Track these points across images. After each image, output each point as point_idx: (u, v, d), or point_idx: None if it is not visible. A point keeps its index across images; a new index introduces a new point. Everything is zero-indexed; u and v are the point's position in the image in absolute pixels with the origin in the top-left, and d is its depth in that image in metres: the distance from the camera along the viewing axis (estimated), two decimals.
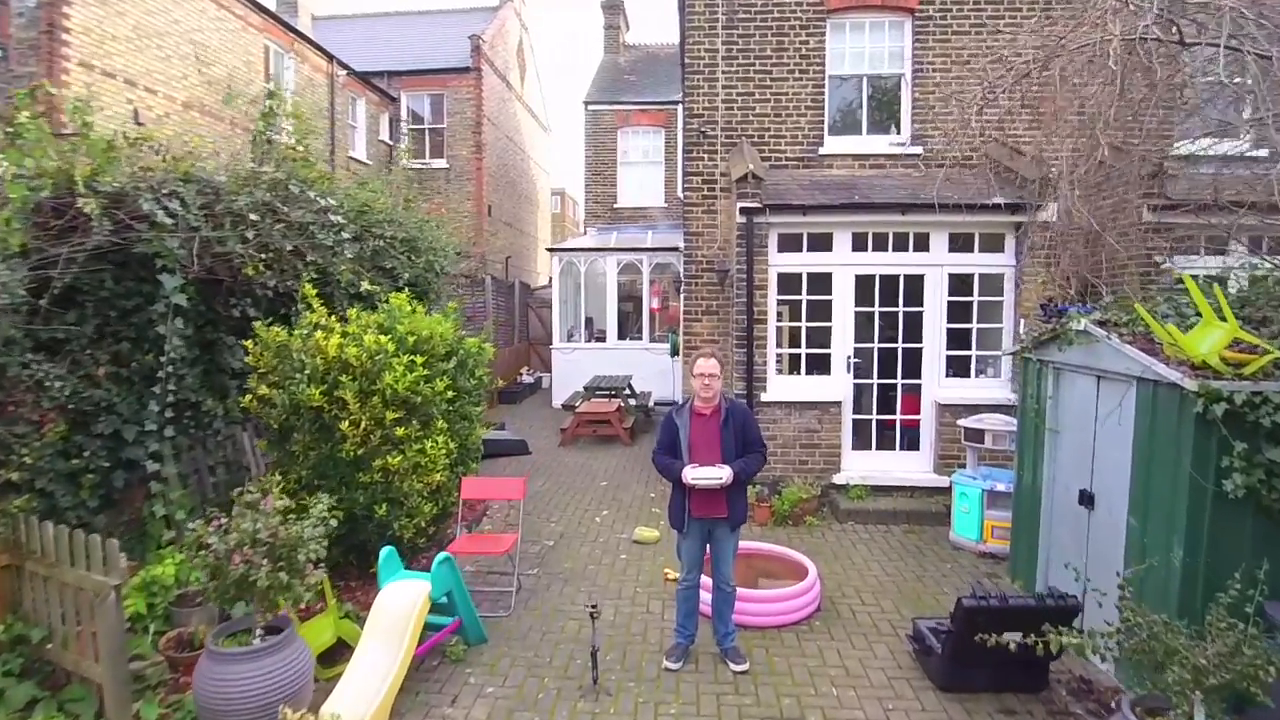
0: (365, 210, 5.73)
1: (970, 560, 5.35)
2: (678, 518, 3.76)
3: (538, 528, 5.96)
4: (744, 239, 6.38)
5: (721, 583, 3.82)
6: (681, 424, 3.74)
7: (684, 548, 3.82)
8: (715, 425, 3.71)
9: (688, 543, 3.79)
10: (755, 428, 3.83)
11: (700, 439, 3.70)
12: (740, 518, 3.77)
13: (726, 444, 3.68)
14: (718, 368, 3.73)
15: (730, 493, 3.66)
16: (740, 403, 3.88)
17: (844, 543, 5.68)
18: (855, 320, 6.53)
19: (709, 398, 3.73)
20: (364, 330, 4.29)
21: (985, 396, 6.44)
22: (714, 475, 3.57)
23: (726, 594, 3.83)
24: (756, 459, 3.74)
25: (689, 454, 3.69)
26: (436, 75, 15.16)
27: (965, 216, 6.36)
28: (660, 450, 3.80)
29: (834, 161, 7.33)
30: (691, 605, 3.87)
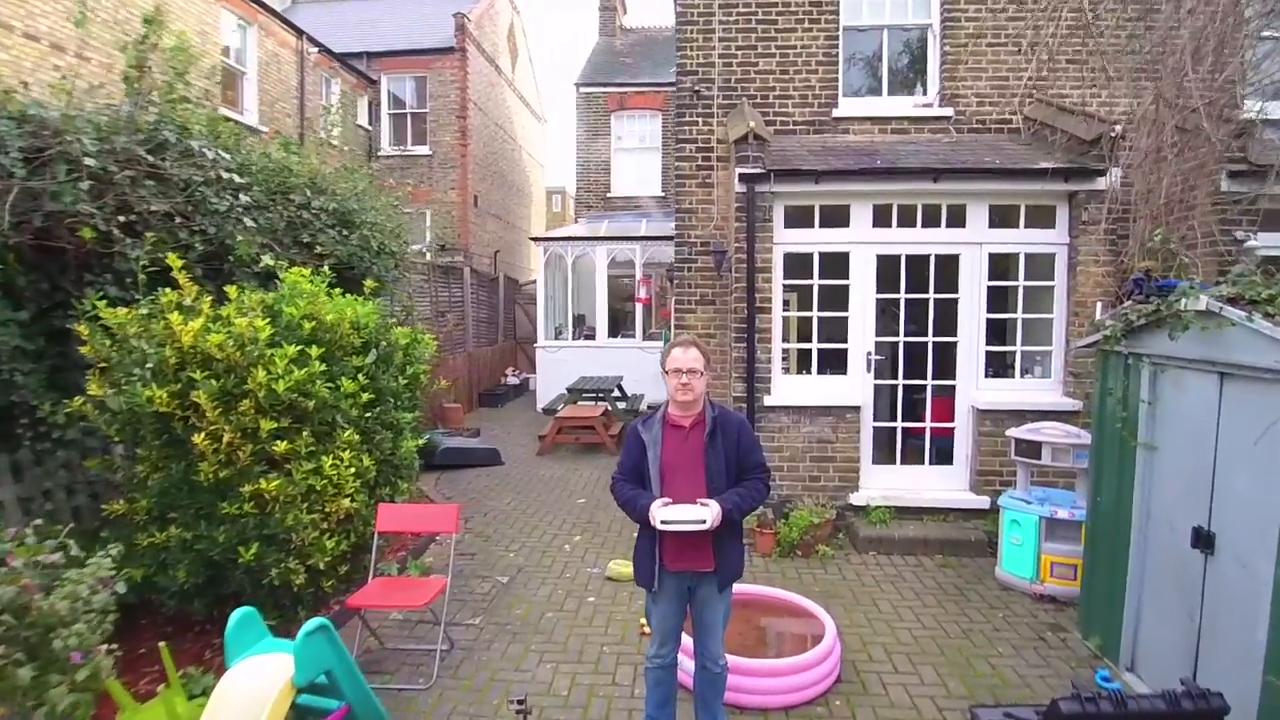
0: (284, 172, 4.73)
1: (1025, 605, 4.28)
2: (645, 570, 2.70)
3: (492, 558, 4.93)
4: (744, 212, 5.34)
5: (708, 661, 2.76)
6: (650, 441, 2.69)
7: (655, 613, 2.76)
8: (698, 442, 2.67)
9: (660, 606, 2.73)
10: (754, 444, 2.78)
11: (676, 462, 2.66)
12: (734, 572, 2.73)
13: (713, 468, 2.64)
14: (700, 361, 2.69)
15: (719, 537, 2.63)
16: (733, 412, 2.84)
17: (865, 580, 4.61)
18: (877, 309, 5.47)
19: (688, 402, 2.69)
20: (240, 313, 3.27)
21: (1032, 401, 5.37)
22: (693, 516, 2.51)
23: (715, 676, 2.78)
24: (756, 489, 2.69)
25: (661, 483, 2.65)
26: (418, 56, 14.22)
27: (1009, 184, 5.33)
28: (621, 476, 2.76)
29: (850, 126, 6.28)
30: (666, 692, 2.81)
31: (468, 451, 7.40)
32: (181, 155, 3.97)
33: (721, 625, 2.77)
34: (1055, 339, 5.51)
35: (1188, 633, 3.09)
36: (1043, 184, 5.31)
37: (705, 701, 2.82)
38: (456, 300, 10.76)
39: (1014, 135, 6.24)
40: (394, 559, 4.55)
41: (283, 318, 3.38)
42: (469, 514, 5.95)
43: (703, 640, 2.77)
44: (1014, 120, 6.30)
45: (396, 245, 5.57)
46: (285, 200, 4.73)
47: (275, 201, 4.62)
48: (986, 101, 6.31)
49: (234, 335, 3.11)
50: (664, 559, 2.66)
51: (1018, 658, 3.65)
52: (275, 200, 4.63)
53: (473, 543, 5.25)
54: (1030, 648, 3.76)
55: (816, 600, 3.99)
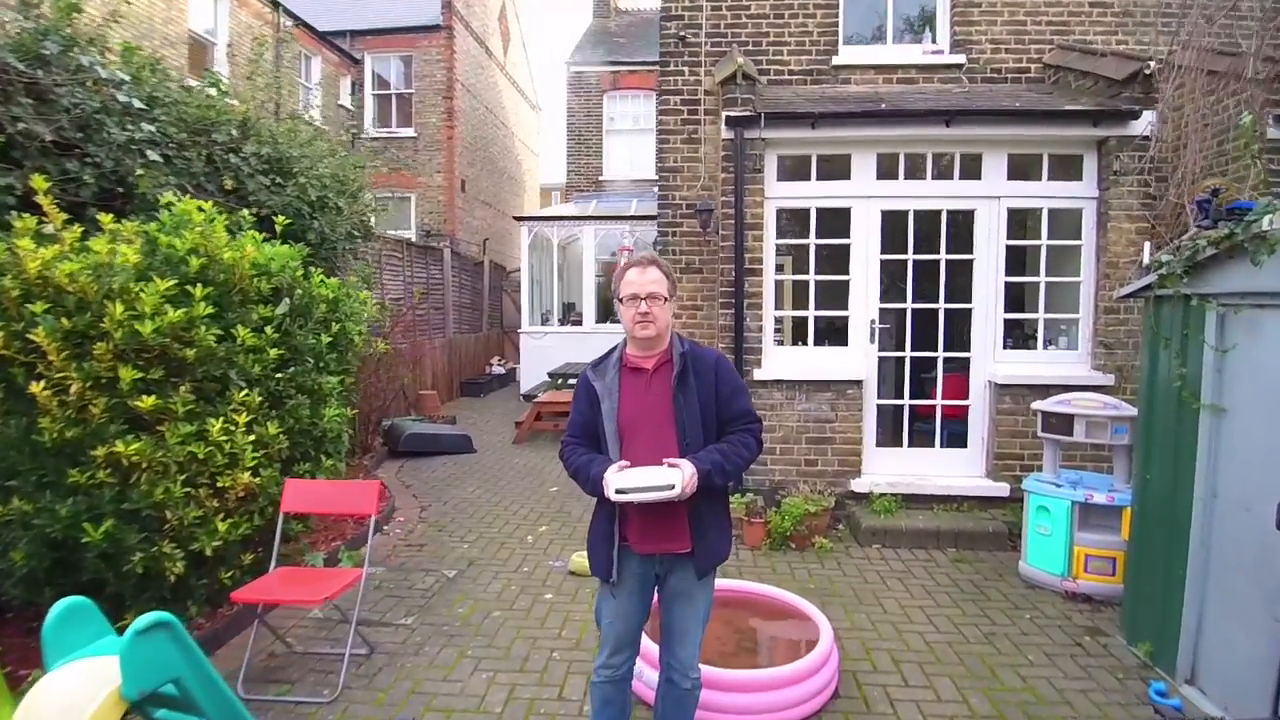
0: (205, 109, 4.15)
1: (1056, 605, 3.66)
2: (602, 556, 2.10)
3: (443, 550, 4.33)
4: (731, 161, 4.74)
5: (677, 673, 2.15)
6: (604, 390, 2.09)
7: (609, 610, 2.14)
8: (664, 388, 2.08)
9: (618, 601, 2.11)
10: (739, 387, 2.17)
11: (638, 414, 2.07)
12: (717, 553, 2.11)
13: (686, 420, 2.04)
14: (663, 284, 2.08)
15: (698, 508, 2.04)
16: (707, 348, 2.25)
17: (869, 577, 3.99)
18: (882, 272, 4.86)
19: (650, 339, 2.09)
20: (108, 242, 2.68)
21: (1057, 375, 4.75)
22: (658, 481, 1.91)
23: (684, 694, 2.16)
24: (745, 444, 2.08)
25: (620, 443, 2.06)
26: (403, 34, 13.69)
27: (1031, 129, 4.72)
28: (572, 439, 2.17)
29: (851, 75, 5.68)
30: (616, 714, 2.19)
31: (436, 438, 6.81)
32: (70, 74, 3.41)
33: (698, 628, 2.15)
34: (1083, 305, 4.89)
35: (1271, 638, 2.47)
36: (1069, 129, 4.72)
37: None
38: (436, 283, 10.19)
39: (1033, 85, 5.63)
40: (325, 548, 3.96)
41: (161, 250, 2.80)
42: (428, 503, 5.36)
43: (672, 645, 2.15)
44: (1032, 69, 5.70)
45: (343, 200, 4.98)
46: (209, 141, 4.15)
47: (195, 141, 4.05)
48: (1002, 48, 5.70)
49: (89, 264, 2.53)
50: (626, 538, 2.07)
51: (1052, 667, 3.04)
52: (195, 139, 4.06)
53: (425, 533, 4.65)
54: (1066, 655, 3.14)
55: (811, 599, 3.38)
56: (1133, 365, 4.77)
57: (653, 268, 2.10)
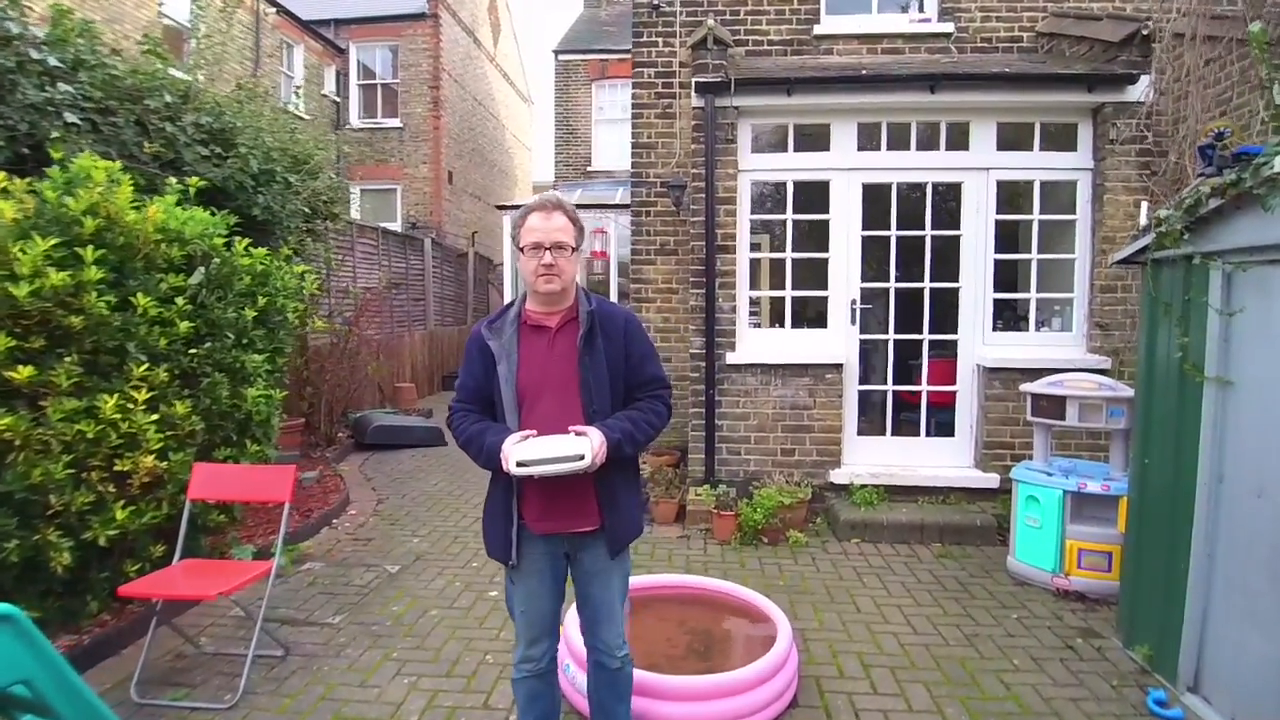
0: (135, 75, 3.88)
1: (1046, 604, 3.37)
2: (499, 536, 1.86)
3: (391, 544, 4.05)
4: (701, 132, 4.45)
5: (603, 654, 1.92)
6: (501, 348, 1.83)
7: (518, 597, 1.90)
8: (568, 348, 1.83)
9: (525, 587, 1.87)
10: (649, 349, 1.93)
11: (539, 377, 1.82)
12: (629, 528, 1.89)
13: (593, 384, 1.81)
14: (570, 231, 1.83)
15: (607, 480, 1.80)
16: (616, 306, 2.00)
17: (844, 573, 3.70)
18: (863, 249, 4.57)
19: (554, 294, 1.83)
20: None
21: (1050, 358, 4.44)
22: (566, 451, 1.67)
23: (614, 674, 1.94)
24: (655, 410, 1.88)
25: (518, 409, 1.81)
26: (389, 23, 13.44)
27: (1022, 96, 4.43)
28: (461, 404, 1.92)
29: (834, 45, 5.38)
30: (546, 708, 1.96)
31: (403, 430, 6.53)
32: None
33: (618, 604, 1.92)
34: (1078, 283, 4.59)
35: None
36: (1062, 94, 4.42)
37: (606, 710, 1.97)
38: (416, 274, 9.92)
39: (1026, 54, 5.33)
40: (261, 541, 3.69)
41: (48, 207, 2.52)
42: (386, 496, 5.08)
43: (595, 628, 1.93)
44: (1025, 38, 5.40)
45: (294, 177, 4.71)
46: (142, 107, 3.88)
47: (126, 107, 3.78)
48: (993, 15, 5.40)
49: None
50: (525, 517, 1.82)
51: (1039, 673, 2.74)
52: (126, 105, 3.79)
53: (376, 527, 4.37)
54: (1055, 659, 2.85)
55: (777, 597, 3.09)
56: (1131, 347, 4.48)
57: (558, 213, 1.83)
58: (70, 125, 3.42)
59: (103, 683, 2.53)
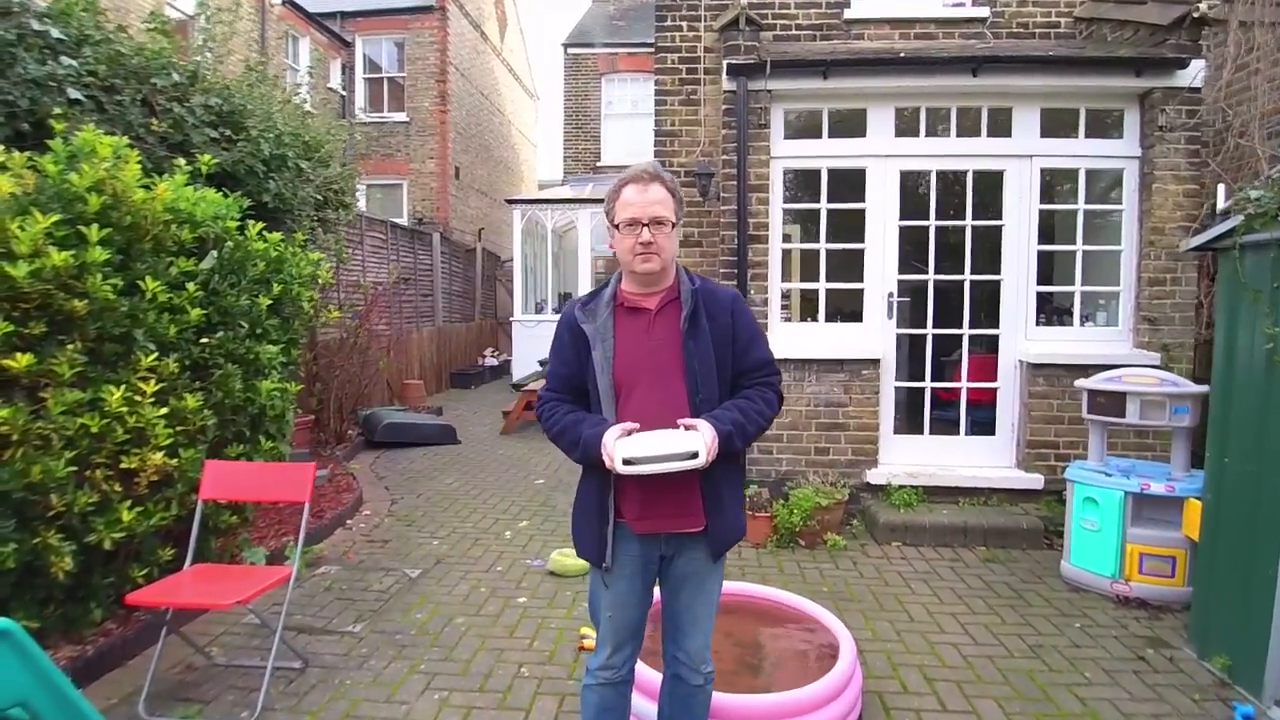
0: (142, 53, 3.69)
1: (1107, 612, 3.18)
2: (592, 536, 1.70)
3: (409, 547, 3.85)
4: (733, 116, 4.26)
5: (686, 667, 1.76)
6: (595, 334, 1.67)
7: (607, 601, 1.74)
8: (670, 332, 1.66)
9: (616, 590, 1.71)
10: (757, 332, 1.76)
11: (638, 364, 1.66)
12: (734, 530, 1.73)
13: (699, 370, 1.64)
14: (669, 204, 1.66)
15: (714, 479, 1.63)
16: (721, 285, 1.83)
17: (889, 579, 3.51)
18: (901, 240, 4.38)
19: (652, 274, 1.66)
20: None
21: (1096, 353, 4.26)
22: (677, 448, 1.51)
23: (693, 691, 1.77)
24: (765, 399, 1.70)
25: (615, 399, 1.65)
26: (395, 16, 13.24)
27: (1067, 80, 4.24)
28: (553, 394, 1.76)
29: (865, 30, 5.18)
30: None
31: (415, 428, 6.34)
32: None
33: (709, 615, 1.76)
34: (1124, 276, 4.40)
35: None
36: (1109, 79, 4.23)
37: None
38: (425, 269, 9.73)
39: (1064, 41, 5.14)
40: (273, 543, 3.50)
41: (50, 182, 2.33)
42: (400, 495, 4.89)
43: (679, 637, 1.76)
44: (1062, 24, 5.21)
45: (306, 163, 4.51)
46: (149, 86, 3.69)
47: (128, 83, 3.59)
48: (1030, 0, 5.22)
49: None
50: (623, 513, 1.66)
51: (1114, 686, 2.55)
52: (129, 82, 3.60)
53: (391, 528, 4.18)
54: (1128, 671, 2.66)
55: (825, 605, 2.90)
56: (1181, 343, 4.29)
57: (656, 184, 1.65)
58: (74, 102, 3.23)
59: (108, 698, 2.34)
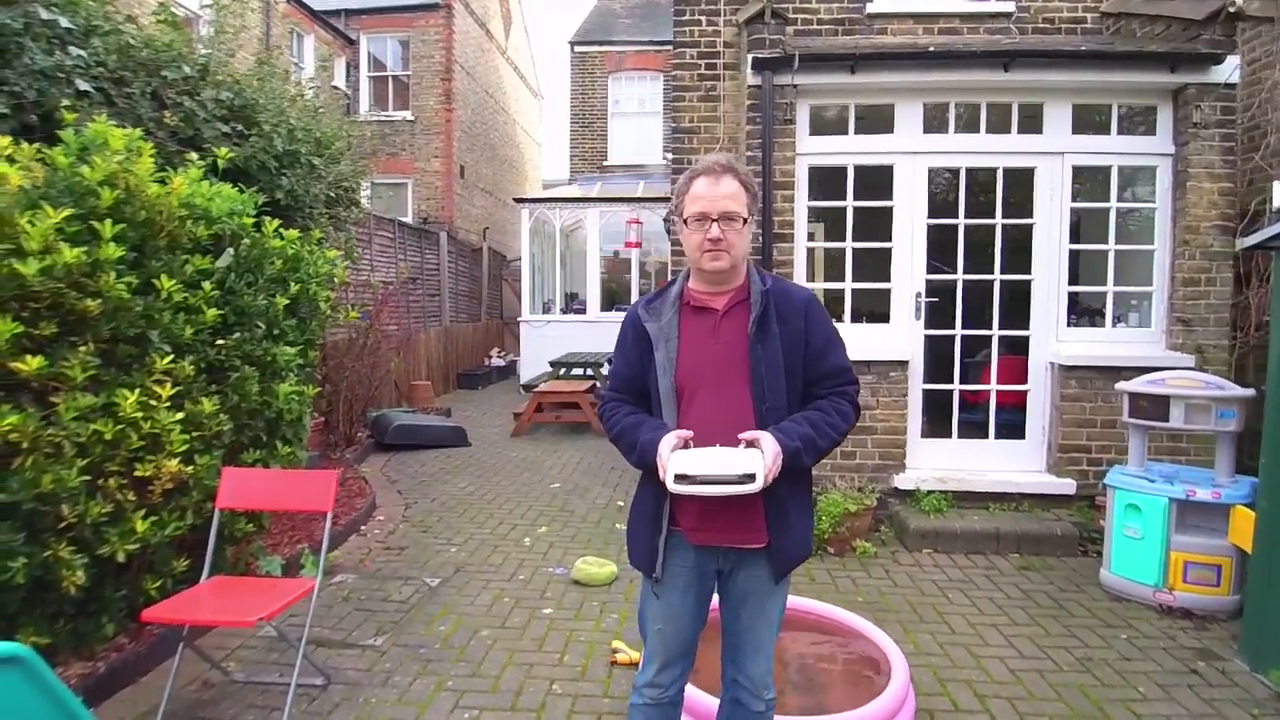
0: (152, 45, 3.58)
1: (1152, 622, 3.07)
2: (646, 542, 1.61)
3: (426, 554, 3.74)
4: (758, 111, 4.15)
5: (747, 692, 1.66)
6: (659, 332, 1.59)
7: (657, 614, 1.64)
8: (738, 334, 1.57)
9: (668, 602, 1.62)
10: (833, 336, 1.65)
11: (702, 366, 1.57)
12: (800, 548, 1.62)
13: (766, 376, 1.54)
14: (743, 198, 1.57)
15: (779, 493, 1.51)
16: (796, 286, 1.72)
17: (925, 588, 3.40)
18: (929, 239, 4.27)
19: (722, 272, 1.57)
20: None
21: (1128, 355, 4.16)
22: (733, 469, 1.41)
23: (756, 716, 1.67)
24: (840, 411, 1.60)
25: (676, 402, 1.57)
26: (400, 13, 13.13)
27: (1100, 75, 4.13)
28: (614, 393, 1.70)
29: (888, 25, 5.07)
30: None
31: (425, 430, 6.23)
32: None
33: (773, 635, 1.66)
34: (1157, 276, 4.30)
35: None
36: (1142, 74, 4.13)
37: None
38: (432, 269, 9.62)
39: (1089, 36, 5.04)
40: (286, 551, 3.38)
41: (60, 175, 2.22)
42: (414, 500, 4.78)
43: (740, 660, 1.66)
44: (1089, 20, 5.10)
45: (318, 160, 4.40)
46: (159, 79, 3.58)
47: (138, 76, 3.48)
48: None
49: None
50: (679, 522, 1.57)
51: (1170, 702, 2.45)
52: (139, 74, 3.49)
53: (407, 534, 4.07)
54: (1182, 685, 2.55)
55: (863, 616, 2.79)
56: (1216, 345, 4.19)
57: (728, 177, 1.56)
58: (82, 94, 3.12)
59: (121, 717, 2.23)
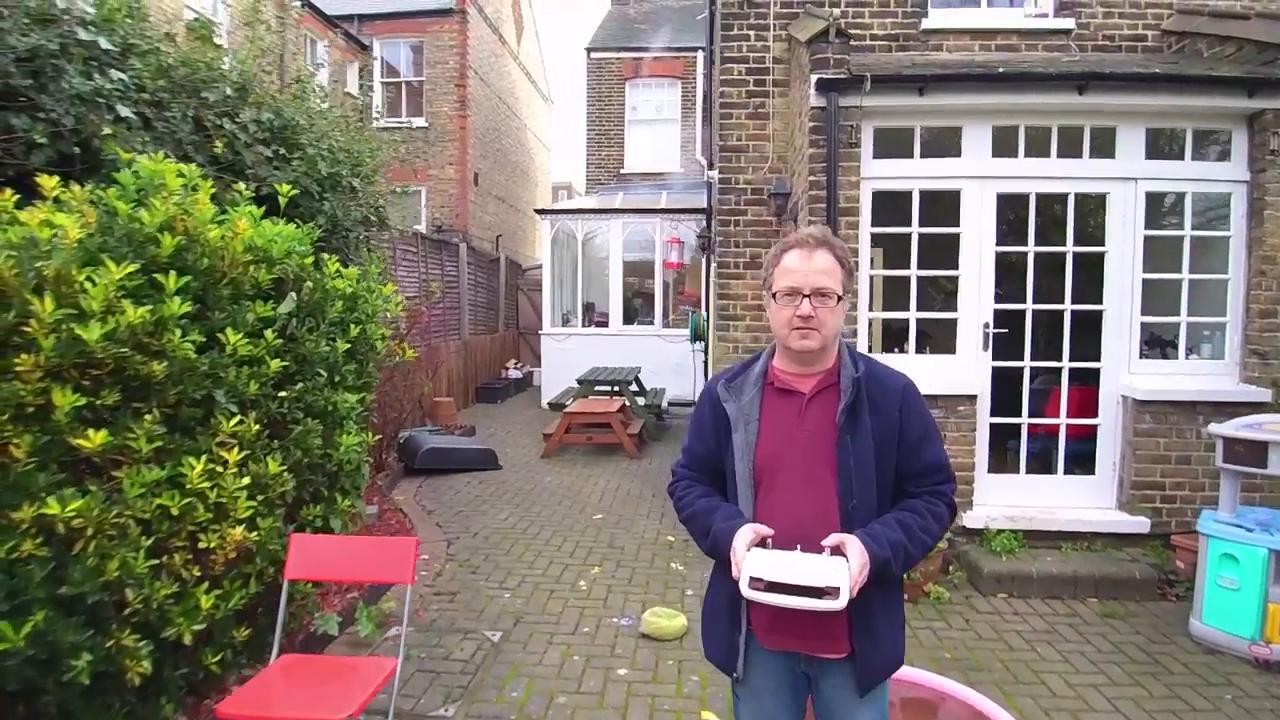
0: (191, 64, 3.40)
1: (1251, 679, 2.91)
2: (722, 641, 1.50)
3: (480, 600, 3.56)
4: (822, 134, 3.98)
5: None
6: (740, 413, 1.47)
7: (743, 712, 1.53)
8: (824, 421, 1.43)
9: (752, 706, 1.50)
10: (930, 428, 1.50)
11: (784, 454, 1.44)
12: (886, 660, 1.46)
13: (855, 471, 1.40)
14: (837, 274, 1.43)
15: (863, 597, 1.33)
16: (889, 368, 1.53)
17: (1011, 641, 3.23)
18: (997, 267, 4.10)
19: (811, 352, 1.43)
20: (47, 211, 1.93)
21: (1202, 388, 4.01)
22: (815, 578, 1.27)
23: None
24: (935, 514, 1.44)
25: (754, 490, 1.44)
26: (414, 18, 12.94)
27: (1176, 100, 3.96)
28: (687, 470, 1.57)
29: (943, 41, 4.93)
30: None
31: (457, 453, 6.05)
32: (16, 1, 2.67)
33: None
34: (1231, 307, 4.14)
35: None
36: (1219, 99, 3.96)
37: None
38: (451, 280, 9.43)
39: (1151, 54, 4.88)
40: (339, 603, 3.20)
41: (120, 222, 2.03)
42: (454, 534, 4.60)
43: None
44: (1149, 37, 4.96)
45: (358, 181, 4.22)
46: (198, 101, 3.40)
47: (180, 99, 3.30)
48: (1115, 11, 4.96)
49: (10, 239, 1.77)
50: (752, 624, 1.46)
51: None
52: (180, 97, 3.31)
53: (455, 575, 3.89)
54: None
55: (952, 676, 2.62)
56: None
57: (823, 251, 1.43)
58: (119, 119, 2.94)
59: None
